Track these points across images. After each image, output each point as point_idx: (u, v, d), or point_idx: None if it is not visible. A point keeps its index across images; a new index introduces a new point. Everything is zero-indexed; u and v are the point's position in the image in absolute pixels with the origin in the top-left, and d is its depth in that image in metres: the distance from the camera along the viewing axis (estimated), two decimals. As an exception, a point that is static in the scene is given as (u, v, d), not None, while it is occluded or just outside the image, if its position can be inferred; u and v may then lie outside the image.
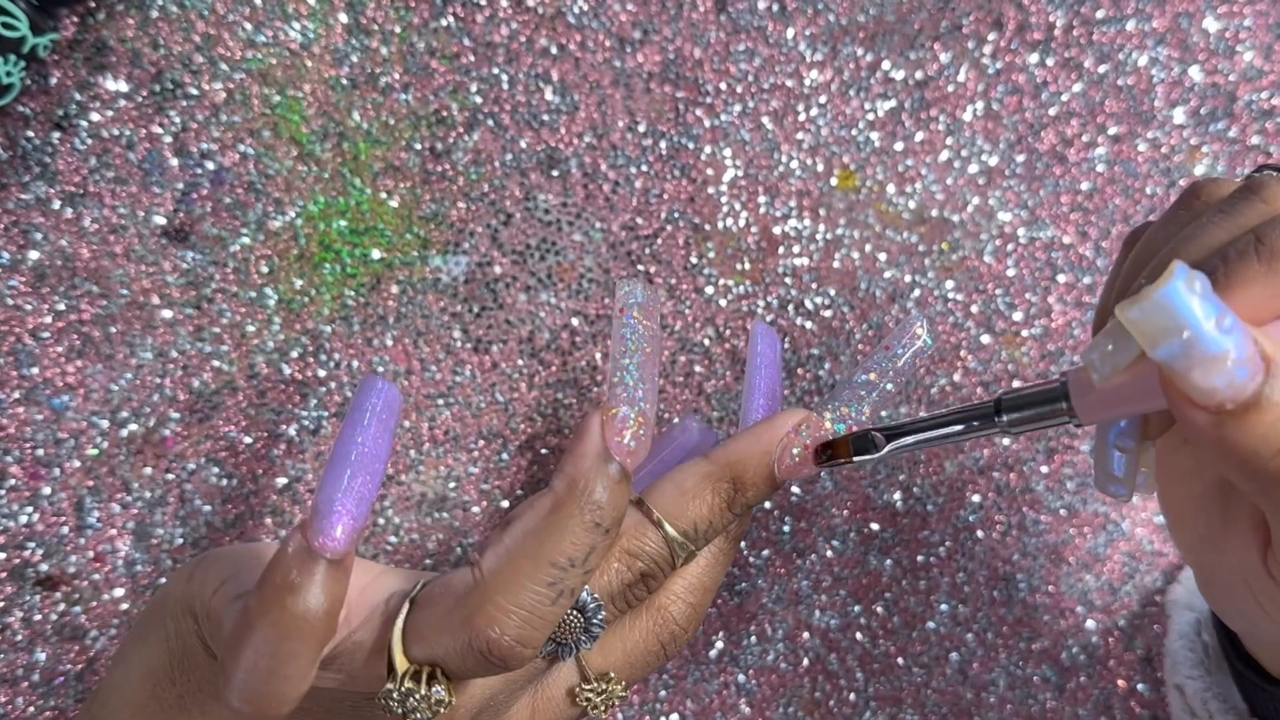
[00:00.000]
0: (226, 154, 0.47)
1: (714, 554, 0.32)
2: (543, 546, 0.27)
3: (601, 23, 0.48)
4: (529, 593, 0.26)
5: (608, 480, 0.27)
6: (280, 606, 0.26)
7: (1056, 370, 0.50)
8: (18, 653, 0.47)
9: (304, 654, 0.26)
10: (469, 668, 0.27)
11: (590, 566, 0.27)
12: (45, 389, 0.46)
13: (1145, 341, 0.22)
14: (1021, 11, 0.49)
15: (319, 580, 0.26)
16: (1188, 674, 0.41)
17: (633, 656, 0.31)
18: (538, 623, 0.27)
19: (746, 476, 0.30)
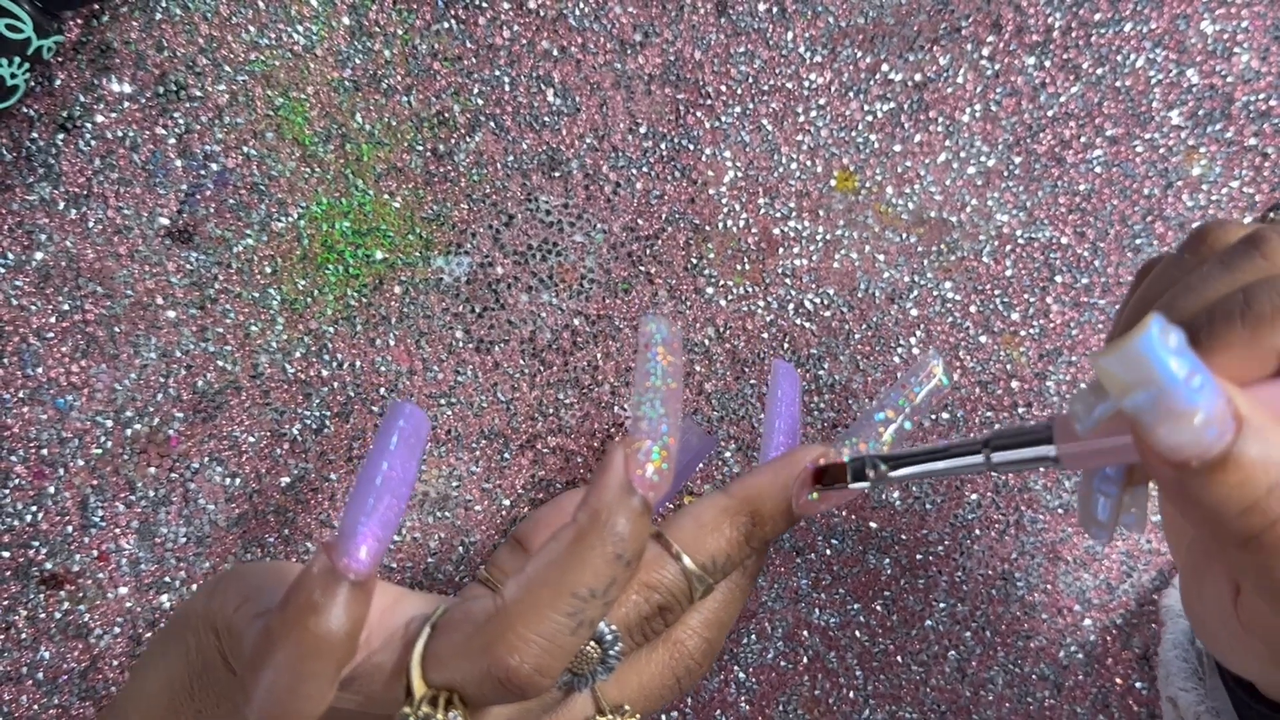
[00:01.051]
0: (230, 155, 0.47)
1: (731, 590, 0.32)
2: (564, 577, 0.27)
3: (602, 25, 0.48)
4: (549, 622, 0.26)
5: (630, 512, 0.27)
6: (302, 626, 0.26)
7: (1055, 370, 0.51)
8: (22, 651, 0.47)
9: (324, 674, 0.26)
10: (486, 695, 0.27)
11: (611, 598, 0.27)
12: (50, 389, 0.47)
13: (1115, 391, 0.22)
14: (1020, 14, 0.50)
15: (341, 601, 0.26)
16: (1181, 686, 0.41)
17: (648, 690, 0.31)
18: (557, 652, 0.27)
19: (764, 511, 0.30)
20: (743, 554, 0.31)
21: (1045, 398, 0.51)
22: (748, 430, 0.50)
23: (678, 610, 0.30)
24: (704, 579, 0.30)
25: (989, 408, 0.51)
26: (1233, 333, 0.25)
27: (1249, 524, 0.22)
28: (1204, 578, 0.30)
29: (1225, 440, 0.22)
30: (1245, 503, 0.22)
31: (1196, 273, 0.28)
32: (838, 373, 0.50)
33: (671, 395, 0.29)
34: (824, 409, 0.50)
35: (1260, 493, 0.22)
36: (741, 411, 0.50)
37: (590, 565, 0.27)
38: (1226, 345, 0.25)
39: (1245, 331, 0.25)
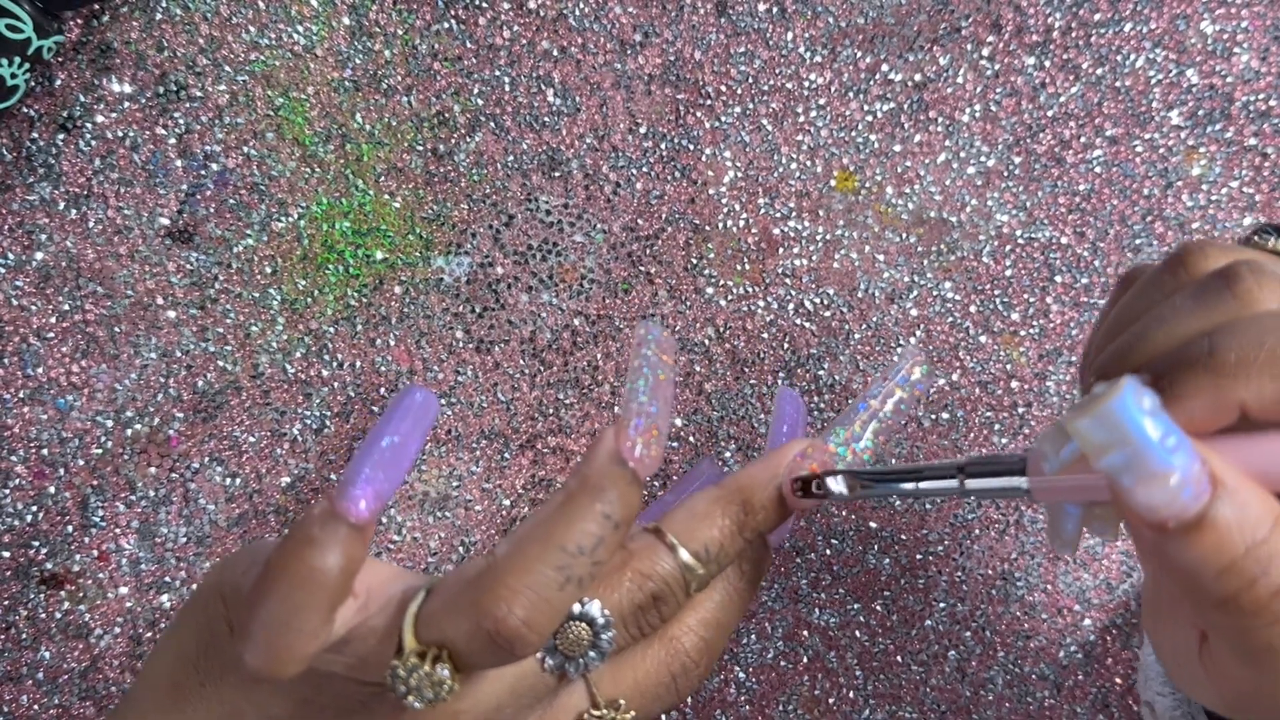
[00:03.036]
0: (230, 155, 0.47)
1: (729, 592, 0.32)
2: (553, 532, 0.27)
3: (603, 25, 0.48)
4: (537, 574, 0.27)
5: (618, 476, 0.28)
6: (299, 559, 0.26)
7: (1055, 370, 0.51)
8: (22, 650, 0.47)
9: (318, 608, 0.27)
10: (476, 650, 0.27)
11: (599, 559, 0.28)
12: (50, 389, 0.47)
13: (1091, 452, 0.22)
14: (1019, 14, 0.50)
15: (338, 539, 0.27)
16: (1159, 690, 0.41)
17: (644, 686, 0.31)
18: (545, 607, 0.27)
19: (755, 500, 0.31)
20: (736, 544, 0.31)
21: (1045, 398, 0.51)
22: (747, 430, 0.50)
23: (672, 602, 0.30)
24: (697, 569, 0.30)
25: (989, 408, 0.51)
26: (1196, 381, 0.25)
27: (1226, 585, 0.22)
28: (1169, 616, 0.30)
29: (1201, 501, 0.22)
30: (1222, 564, 0.22)
31: (1169, 303, 0.28)
32: (838, 373, 0.50)
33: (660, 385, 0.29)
34: (824, 409, 0.50)
35: (1237, 554, 0.22)
36: (741, 411, 0.50)
37: (578, 523, 0.28)
38: (1191, 394, 0.25)
39: (1208, 380, 0.25)
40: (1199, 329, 0.27)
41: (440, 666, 0.27)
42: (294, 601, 0.27)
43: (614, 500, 0.28)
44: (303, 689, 0.30)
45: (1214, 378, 0.25)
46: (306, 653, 0.27)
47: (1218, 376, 0.25)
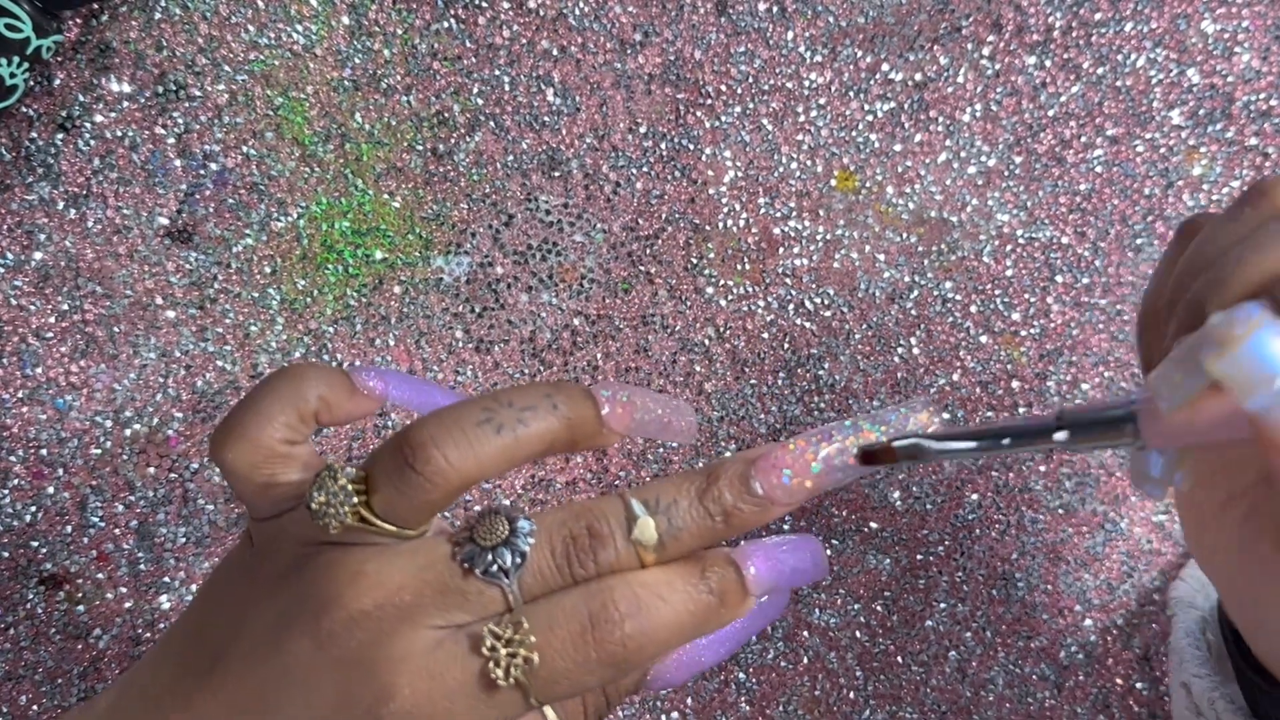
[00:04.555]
0: (230, 155, 0.47)
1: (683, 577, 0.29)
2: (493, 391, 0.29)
3: (602, 25, 0.48)
4: (461, 407, 0.28)
5: (577, 388, 0.29)
6: (291, 366, 0.31)
7: (1055, 370, 0.51)
8: (21, 651, 0.47)
9: (285, 400, 0.30)
10: (387, 472, 0.27)
11: (527, 419, 0.28)
12: (49, 389, 0.47)
13: (1237, 393, 0.22)
14: (1020, 13, 0.50)
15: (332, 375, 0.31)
16: (1195, 672, 0.41)
17: (554, 618, 0.27)
18: (458, 434, 0.27)
19: (720, 471, 0.29)
20: (695, 511, 0.28)
21: (1046, 398, 0.51)
22: (747, 430, 0.50)
23: (609, 541, 0.28)
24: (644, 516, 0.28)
25: (989, 408, 0.51)
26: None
27: None
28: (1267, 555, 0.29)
29: None
30: None
31: (1264, 229, 0.27)
32: (838, 373, 0.50)
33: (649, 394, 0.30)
34: (824, 409, 0.50)
35: None
36: (741, 412, 0.50)
37: (520, 387, 0.28)
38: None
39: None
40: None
41: (349, 469, 0.28)
42: (269, 389, 0.30)
43: (565, 395, 0.28)
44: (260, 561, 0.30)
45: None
46: (257, 435, 0.30)
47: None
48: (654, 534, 0.28)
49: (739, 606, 0.29)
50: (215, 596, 0.31)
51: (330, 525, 0.27)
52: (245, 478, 0.30)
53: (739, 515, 0.28)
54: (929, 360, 0.50)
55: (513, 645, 0.27)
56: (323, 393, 0.31)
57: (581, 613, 0.27)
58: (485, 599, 0.28)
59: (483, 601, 0.28)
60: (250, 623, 0.29)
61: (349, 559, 0.28)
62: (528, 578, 0.28)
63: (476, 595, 0.28)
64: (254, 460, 0.30)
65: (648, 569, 0.28)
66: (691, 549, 0.29)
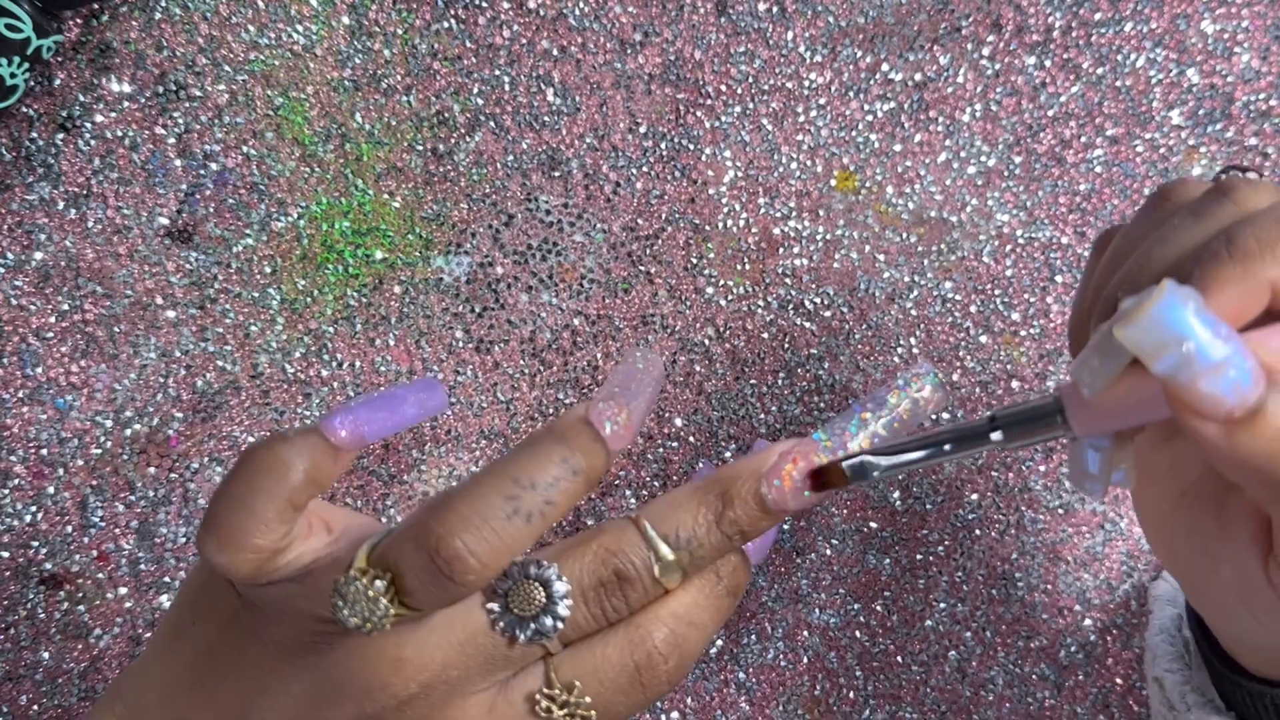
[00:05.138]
0: (230, 155, 0.47)
1: (706, 594, 0.30)
2: (507, 464, 0.28)
3: (602, 25, 0.48)
4: (485, 500, 0.27)
5: (583, 431, 0.28)
6: (268, 448, 0.29)
7: (1055, 370, 0.51)
8: (22, 651, 0.47)
9: (275, 494, 0.28)
10: (417, 573, 0.27)
11: (551, 499, 0.27)
12: (49, 389, 0.47)
13: (1145, 358, 0.22)
14: (1020, 13, 0.50)
15: (309, 444, 0.29)
16: (1166, 667, 0.42)
17: (603, 672, 0.29)
18: (490, 534, 0.27)
19: (734, 491, 0.29)
20: (713, 537, 0.29)
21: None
22: (747, 430, 0.50)
23: (638, 586, 0.29)
24: (666, 552, 0.29)
25: (989, 407, 0.51)
26: (1222, 271, 0.25)
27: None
28: (1218, 547, 0.29)
29: (1260, 389, 0.22)
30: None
31: (1167, 224, 0.28)
32: (838, 373, 0.50)
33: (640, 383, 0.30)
34: (824, 409, 0.50)
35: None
36: (741, 412, 0.50)
37: (535, 458, 0.28)
38: (1219, 284, 0.25)
39: (1235, 268, 0.25)
40: (1206, 235, 0.27)
41: (379, 582, 0.27)
42: (254, 484, 0.28)
43: (575, 450, 0.28)
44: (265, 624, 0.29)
45: (1240, 265, 0.25)
46: (257, 541, 0.28)
47: (1244, 261, 0.25)
48: (678, 569, 0.29)
49: (746, 584, 0.31)
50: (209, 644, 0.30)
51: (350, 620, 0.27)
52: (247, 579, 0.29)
53: (756, 531, 0.30)
54: (929, 360, 0.50)
55: (569, 707, 0.29)
56: (308, 470, 0.29)
57: (629, 665, 0.29)
58: (527, 655, 0.29)
59: (524, 658, 0.29)
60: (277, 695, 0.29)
61: (384, 645, 0.28)
62: (569, 633, 0.29)
63: (519, 656, 0.29)
64: (257, 566, 0.29)
65: (673, 593, 0.30)
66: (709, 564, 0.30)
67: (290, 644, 0.29)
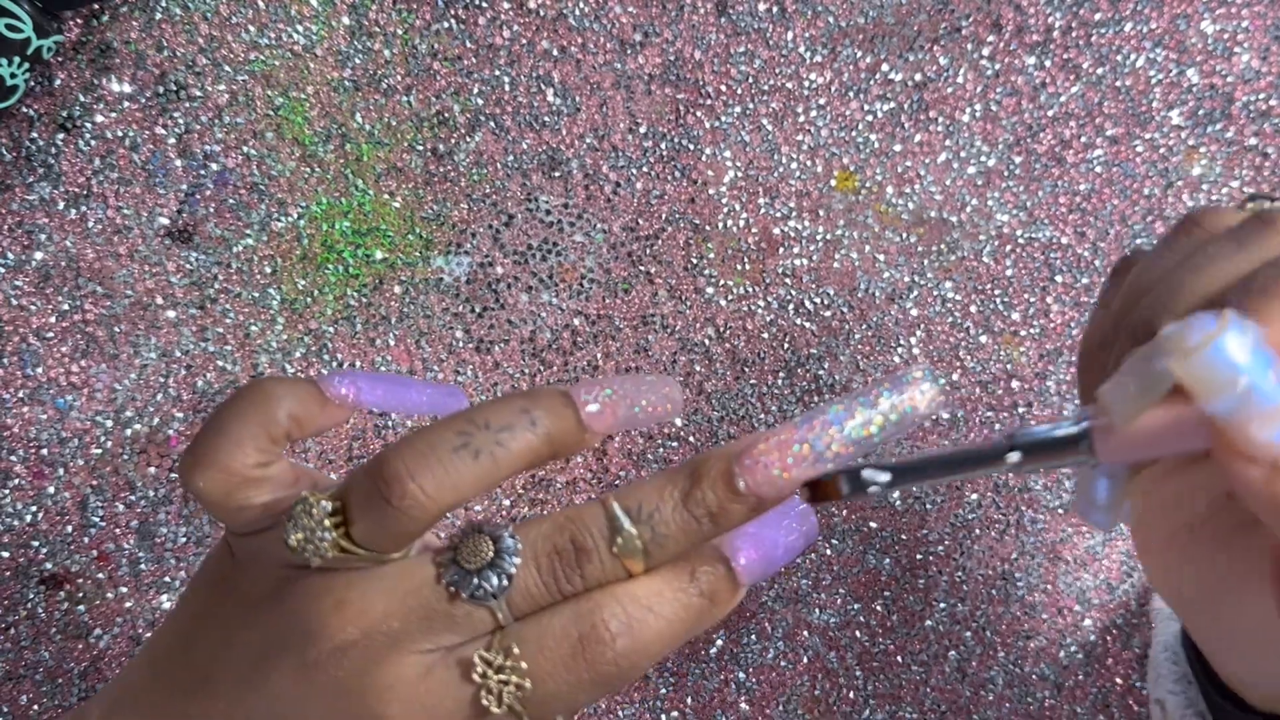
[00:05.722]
0: (230, 155, 0.47)
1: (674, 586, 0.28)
2: (470, 410, 0.28)
3: (602, 25, 0.48)
4: (436, 433, 0.27)
5: (554, 394, 0.28)
6: (258, 382, 0.31)
7: (1055, 370, 0.51)
8: (22, 651, 0.47)
9: (252, 421, 0.30)
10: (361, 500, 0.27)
11: (504, 440, 0.27)
12: (50, 389, 0.47)
13: (1198, 394, 0.21)
14: (1020, 13, 0.50)
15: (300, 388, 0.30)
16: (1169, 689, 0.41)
17: (544, 640, 0.27)
18: (435, 463, 0.26)
19: (703, 470, 0.28)
20: (680, 518, 0.27)
21: (1046, 398, 0.51)
22: (747, 430, 0.50)
23: (595, 558, 0.27)
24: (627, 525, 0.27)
25: (989, 408, 0.51)
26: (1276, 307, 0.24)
27: None
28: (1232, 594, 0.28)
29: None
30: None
31: (1205, 250, 0.27)
32: (838, 373, 0.50)
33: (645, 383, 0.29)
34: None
35: None
36: (741, 411, 0.50)
37: (496, 405, 0.27)
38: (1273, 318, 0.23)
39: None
40: (1248, 267, 0.25)
41: (325, 503, 0.27)
42: (237, 410, 0.30)
43: (540, 406, 0.27)
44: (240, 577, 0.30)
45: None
46: (228, 461, 0.29)
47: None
48: (638, 544, 0.27)
49: (731, 602, 0.29)
50: (199, 608, 0.30)
51: (311, 561, 0.27)
52: (218, 504, 0.30)
53: (726, 516, 0.28)
54: (929, 360, 0.50)
55: (505, 672, 0.27)
56: (292, 409, 0.30)
57: (571, 635, 0.27)
58: (474, 620, 0.27)
59: (471, 623, 0.27)
60: (237, 647, 0.28)
61: (331, 586, 0.27)
62: (515, 596, 0.27)
63: (465, 618, 0.27)
64: (226, 488, 0.30)
65: (636, 579, 0.28)
66: (679, 553, 0.28)
67: (256, 594, 0.29)
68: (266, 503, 0.30)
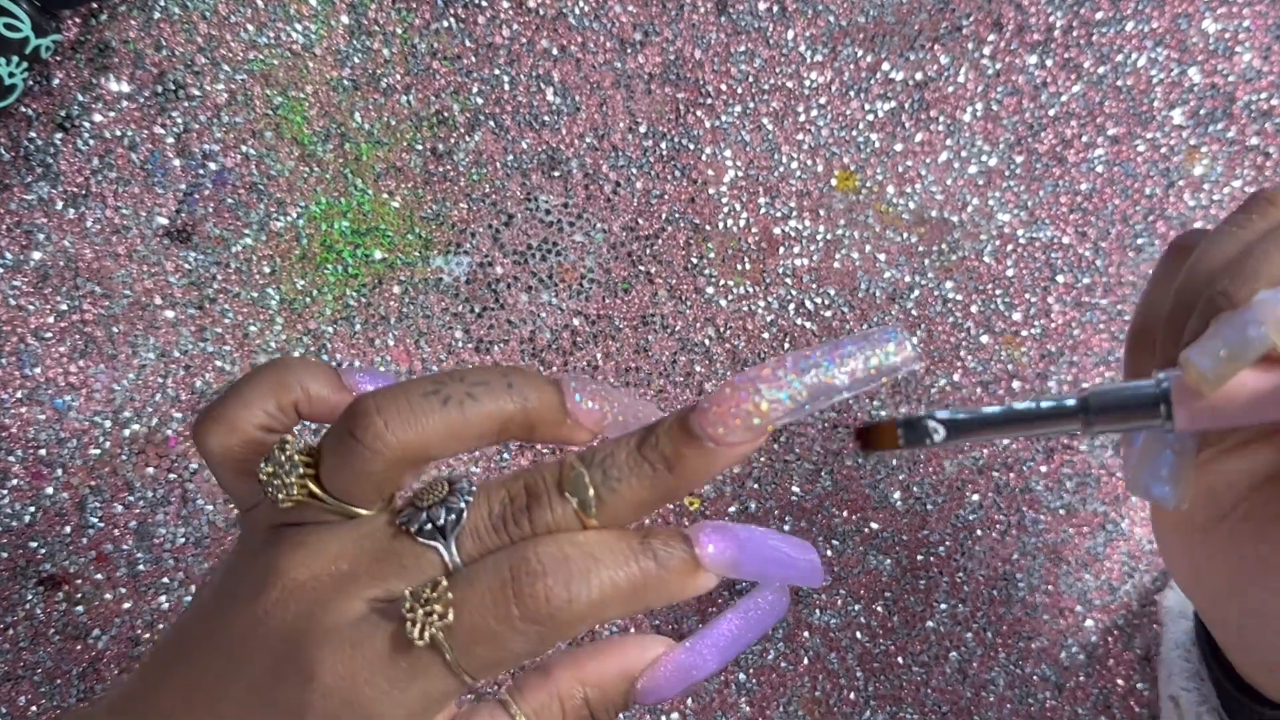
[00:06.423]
0: (229, 155, 0.47)
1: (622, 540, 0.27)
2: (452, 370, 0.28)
3: (602, 24, 0.48)
4: (411, 381, 0.27)
5: (539, 374, 0.28)
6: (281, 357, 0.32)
7: (1056, 370, 0.51)
8: (20, 652, 0.47)
9: (267, 385, 0.30)
10: (332, 442, 0.27)
11: (476, 394, 0.27)
12: (48, 389, 0.46)
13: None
14: (1021, 13, 0.50)
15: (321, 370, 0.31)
16: (1183, 685, 0.41)
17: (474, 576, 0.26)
18: (404, 405, 0.26)
19: (660, 422, 0.27)
20: (631, 459, 0.27)
21: (1047, 398, 0.50)
22: (748, 430, 0.50)
23: (543, 499, 0.27)
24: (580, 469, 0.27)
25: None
26: None
27: None
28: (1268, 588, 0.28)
29: None
30: None
31: (1274, 237, 0.26)
32: (838, 373, 0.50)
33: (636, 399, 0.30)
34: (824, 410, 0.50)
35: None
36: (742, 412, 0.50)
37: (479, 367, 0.28)
38: None
39: None
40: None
41: (298, 442, 0.27)
42: (252, 376, 0.30)
43: (521, 377, 0.28)
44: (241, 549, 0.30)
45: None
46: (235, 417, 0.30)
47: None
48: (588, 484, 0.27)
49: (689, 579, 0.27)
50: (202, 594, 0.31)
51: (278, 498, 0.27)
52: (222, 463, 0.30)
53: (683, 461, 0.27)
54: (930, 360, 0.50)
55: (429, 604, 0.25)
56: (305, 383, 0.31)
57: (502, 567, 0.26)
58: (422, 564, 0.27)
59: (420, 566, 0.27)
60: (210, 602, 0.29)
61: (296, 534, 0.28)
62: (466, 541, 0.27)
63: (413, 560, 0.27)
64: (230, 445, 0.30)
65: (583, 531, 0.27)
66: (635, 504, 0.27)
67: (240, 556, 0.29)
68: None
